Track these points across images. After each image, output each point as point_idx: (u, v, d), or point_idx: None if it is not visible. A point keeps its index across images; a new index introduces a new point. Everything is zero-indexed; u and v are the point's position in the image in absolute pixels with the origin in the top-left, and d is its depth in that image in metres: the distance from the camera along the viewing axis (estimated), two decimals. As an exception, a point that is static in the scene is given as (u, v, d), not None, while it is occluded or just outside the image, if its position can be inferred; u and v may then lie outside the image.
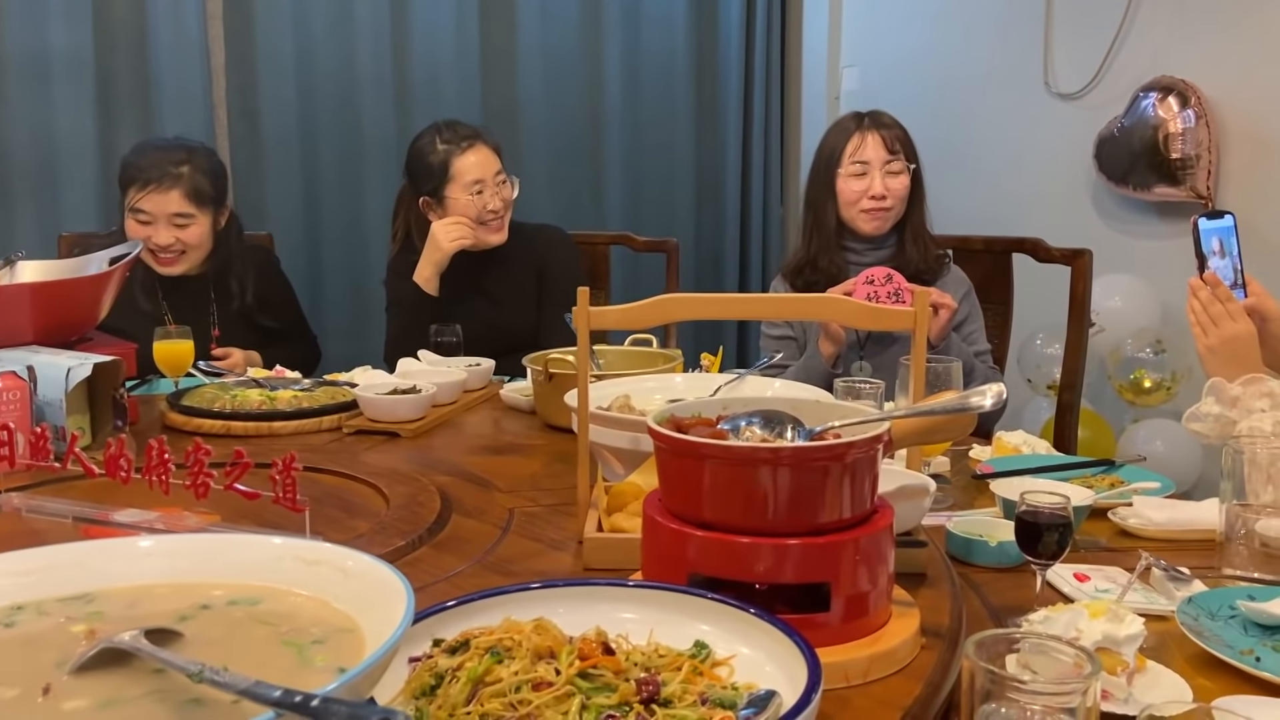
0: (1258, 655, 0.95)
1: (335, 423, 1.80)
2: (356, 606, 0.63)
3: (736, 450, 0.85)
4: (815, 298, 1.13)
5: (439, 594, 1.01)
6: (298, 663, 0.60)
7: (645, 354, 1.93)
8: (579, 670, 0.71)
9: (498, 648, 0.73)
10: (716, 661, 0.77)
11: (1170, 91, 2.94)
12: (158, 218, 2.32)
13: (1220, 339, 1.52)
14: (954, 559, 1.23)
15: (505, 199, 2.44)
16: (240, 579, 0.68)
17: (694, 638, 0.79)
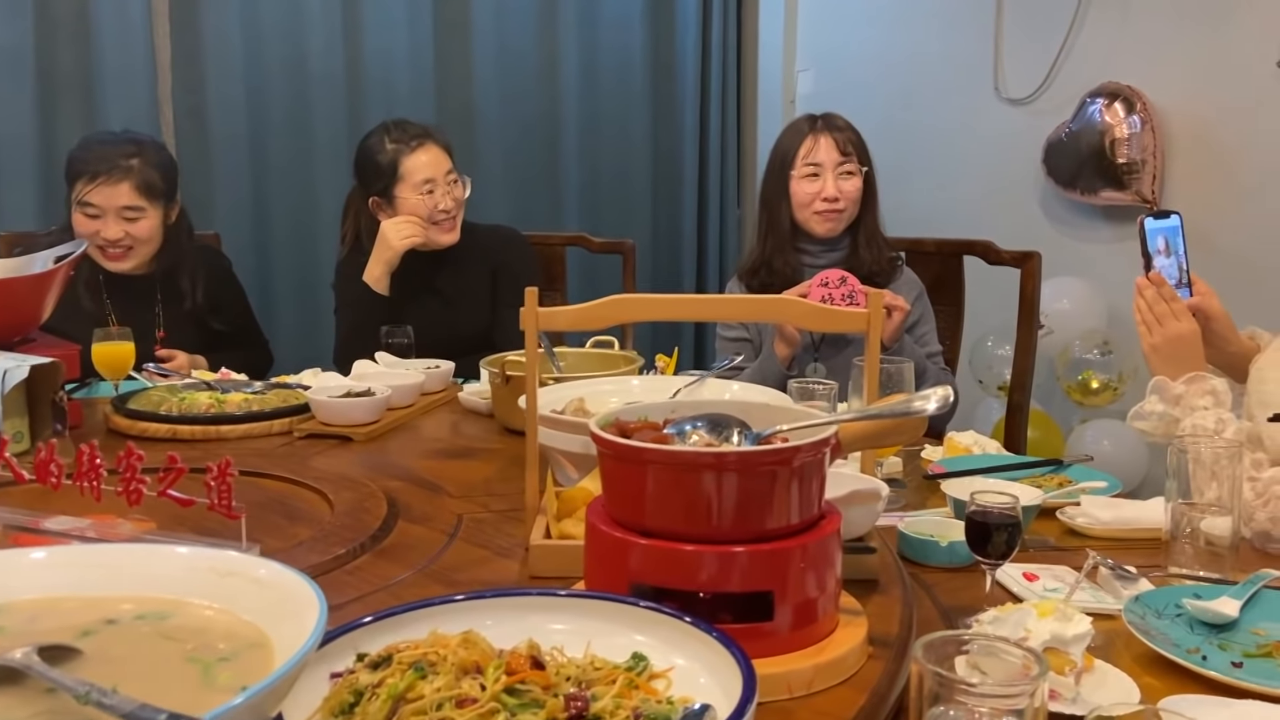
0: (1204, 654, 0.96)
1: (286, 426, 1.76)
2: (270, 620, 0.60)
3: (677, 455, 0.84)
4: (768, 299, 1.13)
5: (377, 604, 0.99)
6: (201, 681, 0.57)
7: (606, 356, 1.90)
8: (505, 686, 0.69)
9: (422, 662, 0.70)
10: (654, 674, 0.75)
11: (1117, 97, 2.99)
12: (106, 211, 2.27)
13: (1164, 338, 1.54)
14: (906, 560, 1.23)
15: (457, 199, 2.41)
16: (151, 592, 0.65)
17: (632, 649, 0.77)
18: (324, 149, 3.39)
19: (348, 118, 3.39)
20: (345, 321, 2.44)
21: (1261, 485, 1.37)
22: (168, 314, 2.40)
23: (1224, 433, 1.43)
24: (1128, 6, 3.04)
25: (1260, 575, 1.09)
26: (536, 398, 1.05)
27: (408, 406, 1.91)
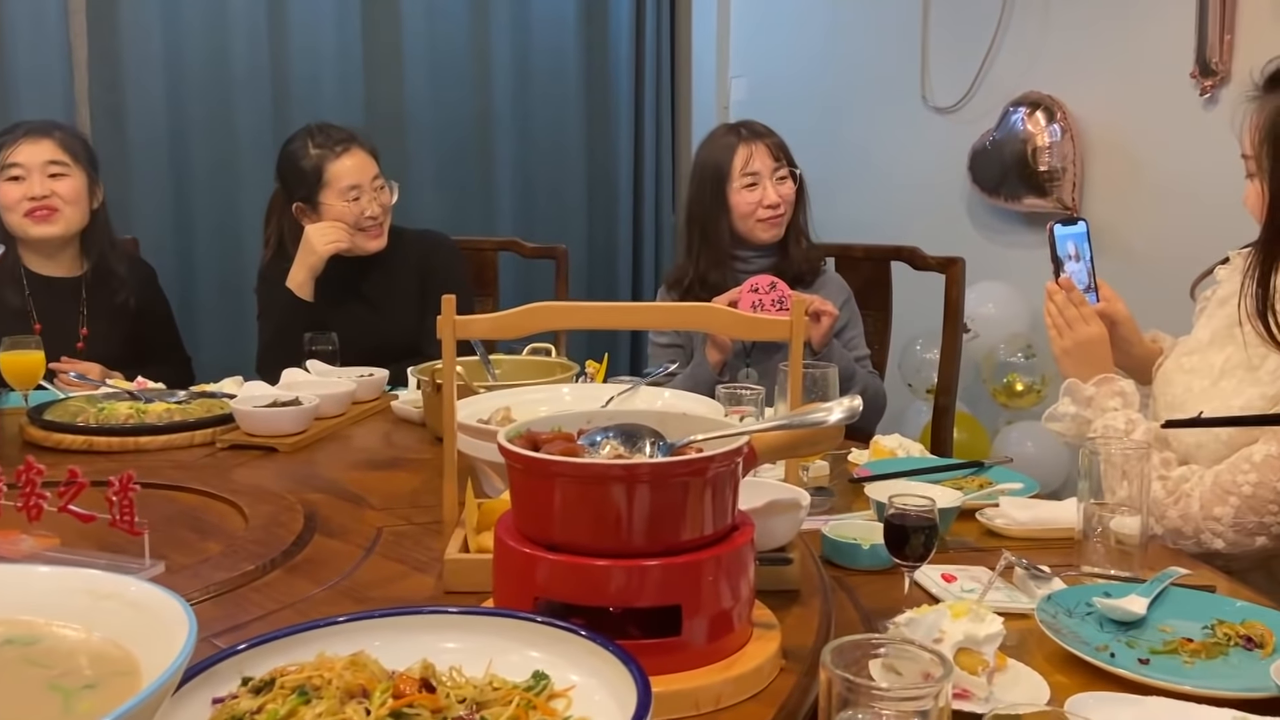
0: (1112, 651, 0.98)
1: (209, 437, 1.72)
2: (142, 644, 0.57)
3: (581, 467, 0.82)
4: (692, 307, 1.13)
5: (281, 622, 0.97)
6: (61, 710, 0.55)
7: (542, 364, 1.87)
8: (392, 710, 0.66)
9: (306, 686, 0.68)
10: (554, 693, 0.73)
11: (1038, 107, 3.07)
12: (31, 169, 2.24)
13: (1074, 341, 1.57)
14: (829, 563, 1.24)
15: (384, 204, 2.38)
16: (23, 615, 0.61)
17: (534, 667, 0.75)
18: (248, 151, 3.31)
19: (273, 119, 3.33)
20: (267, 328, 2.39)
21: (1172, 484, 1.41)
22: (93, 316, 2.33)
23: (1134, 433, 1.47)
24: (1048, 18, 3.12)
25: (1168, 573, 1.12)
26: (454, 406, 1.04)
27: (338, 416, 1.87)
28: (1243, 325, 1.40)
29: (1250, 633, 1.00)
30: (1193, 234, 2.62)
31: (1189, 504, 1.38)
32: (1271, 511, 1.32)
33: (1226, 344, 1.47)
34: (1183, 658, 0.98)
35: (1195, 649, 0.99)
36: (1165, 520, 1.39)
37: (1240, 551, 1.35)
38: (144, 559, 1.05)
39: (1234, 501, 1.34)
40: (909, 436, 2.91)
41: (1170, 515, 1.39)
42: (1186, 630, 1.03)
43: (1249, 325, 1.38)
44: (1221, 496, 1.35)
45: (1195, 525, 1.36)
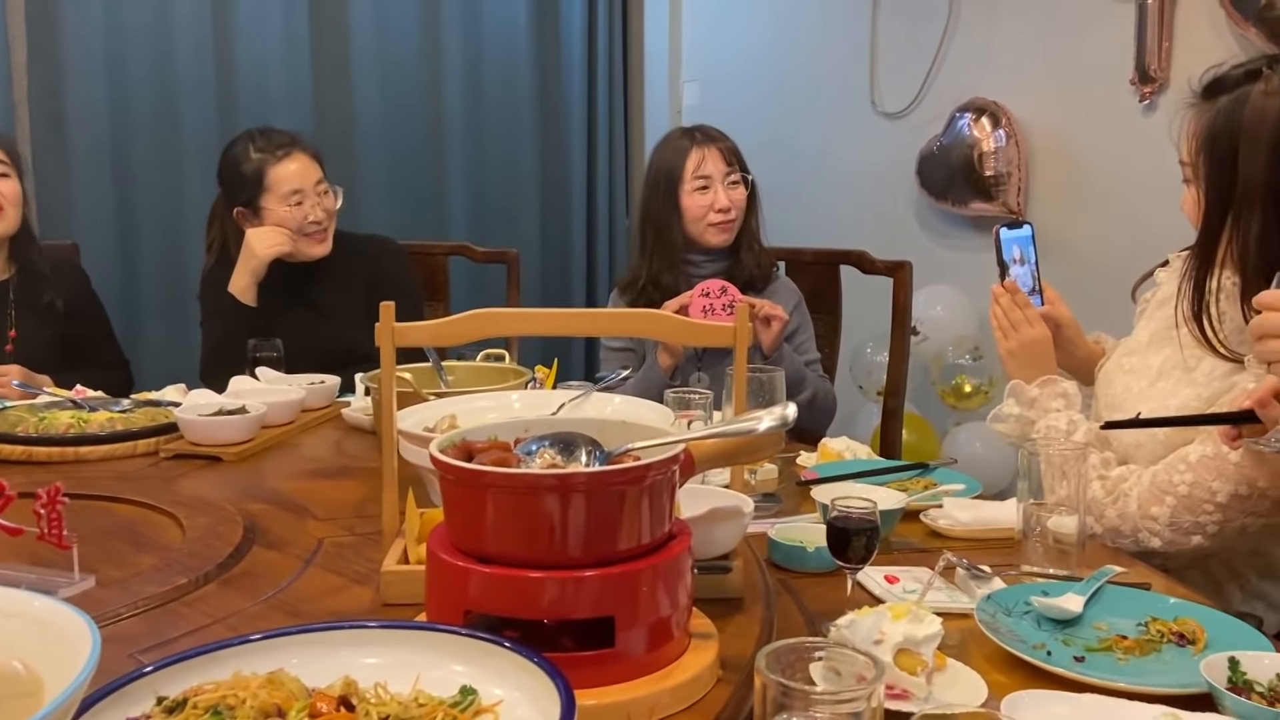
0: (1049, 649, 1.00)
1: (152, 447, 1.68)
2: (49, 664, 0.56)
3: (512, 477, 0.81)
4: (636, 313, 1.12)
5: (212, 637, 0.95)
6: None
7: (496, 370, 1.84)
8: None
9: (220, 706, 0.67)
10: (481, 709, 0.72)
11: (984, 112, 3.11)
12: None
13: (1019, 343, 1.60)
14: (776, 566, 1.25)
15: (328, 209, 2.35)
16: None
17: (461, 682, 0.74)
18: (193, 156, 3.26)
19: (219, 125, 3.28)
20: (210, 334, 2.35)
21: (1111, 483, 1.44)
22: (21, 317, 2.28)
23: (1075, 434, 1.50)
24: (992, 25, 3.17)
25: (1104, 571, 1.14)
26: (394, 414, 1.02)
27: (287, 424, 1.85)
28: (1180, 328, 1.42)
29: (1183, 629, 1.02)
30: (1134, 237, 2.68)
31: (1127, 503, 1.40)
32: (1206, 511, 1.34)
33: (1165, 345, 1.49)
34: (1117, 655, 1.00)
35: (1129, 646, 1.01)
36: (1104, 519, 1.42)
37: (1176, 550, 1.38)
38: (73, 573, 1.02)
39: (1170, 501, 1.36)
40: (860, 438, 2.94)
41: (1109, 515, 1.41)
42: (1121, 627, 1.04)
43: (1186, 328, 1.40)
44: (1158, 496, 1.37)
45: (1133, 524, 1.39)
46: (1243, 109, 1.27)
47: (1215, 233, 1.33)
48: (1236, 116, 1.28)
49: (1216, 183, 1.31)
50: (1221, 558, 1.46)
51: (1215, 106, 1.32)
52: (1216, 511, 1.34)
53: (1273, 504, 1.32)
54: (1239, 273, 1.32)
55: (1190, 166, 1.37)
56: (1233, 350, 1.35)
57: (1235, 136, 1.27)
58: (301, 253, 2.33)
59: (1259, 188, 1.26)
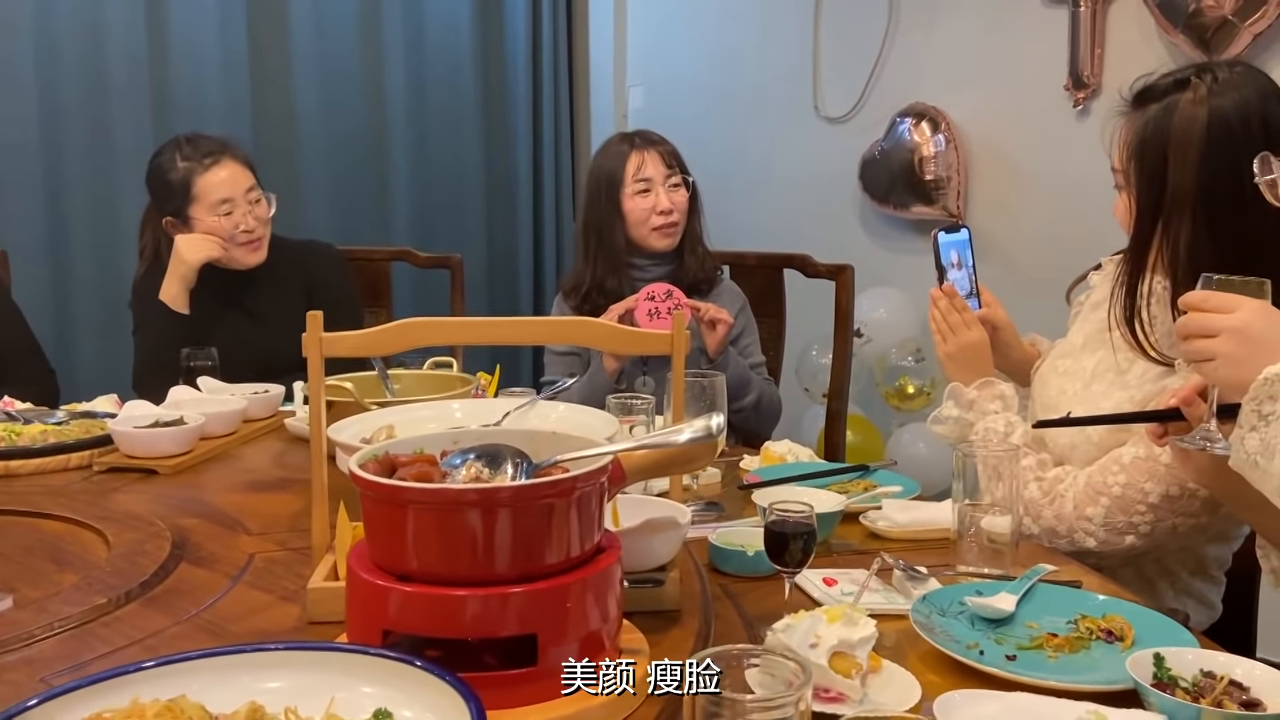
0: (981, 649, 1.01)
1: (85, 460, 1.64)
2: None
3: (427, 493, 0.79)
4: (570, 321, 1.12)
5: (129, 659, 0.91)
6: None
7: (443, 378, 1.80)
8: None
9: None
10: None
11: (923, 117, 3.16)
12: None
13: (958, 346, 1.62)
14: (716, 571, 1.25)
15: (260, 217, 2.30)
16: None
17: (374, 705, 0.72)
18: (127, 160, 3.16)
19: (153, 129, 3.20)
20: (142, 343, 2.29)
21: (1047, 484, 1.46)
22: None
23: (1012, 435, 1.52)
24: (930, 31, 3.22)
25: (1036, 570, 1.16)
26: (322, 426, 1.00)
27: (227, 435, 1.81)
28: (1112, 331, 1.43)
29: (1111, 626, 1.04)
30: (1069, 240, 2.74)
31: (1063, 504, 1.42)
32: (1139, 511, 1.37)
33: (1098, 348, 1.51)
34: (1047, 653, 1.01)
35: (1059, 644, 1.02)
36: (1041, 520, 1.44)
37: (1110, 550, 1.40)
38: (-13, 593, 1.00)
39: (1104, 502, 1.38)
40: (806, 440, 2.97)
41: (1046, 515, 1.44)
42: (1052, 625, 1.06)
43: (1118, 331, 1.42)
44: (1093, 497, 1.39)
45: (1069, 525, 1.41)
46: (1172, 117, 1.30)
47: (1146, 238, 1.35)
48: (1165, 124, 1.30)
49: (1147, 189, 1.33)
50: (1154, 556, 1.49)
51: (1145, 115, 1.34)
52: (1149, 512, 1.36)
53: (1202, 504, 1.35)
54: (1169, 277, 1.35)
55: (1122, 173, 1.39)
56: (1164, 354, 1.37)
57: (1165, 144, 1.30)
58: (236, 261, 2.28)
59: (1188, 194, 1.28)
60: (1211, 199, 1.27)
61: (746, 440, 2.20)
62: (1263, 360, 0.97)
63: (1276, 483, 0.94)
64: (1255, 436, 0.96)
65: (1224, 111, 1.27)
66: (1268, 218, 1.19)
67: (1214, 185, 1.26)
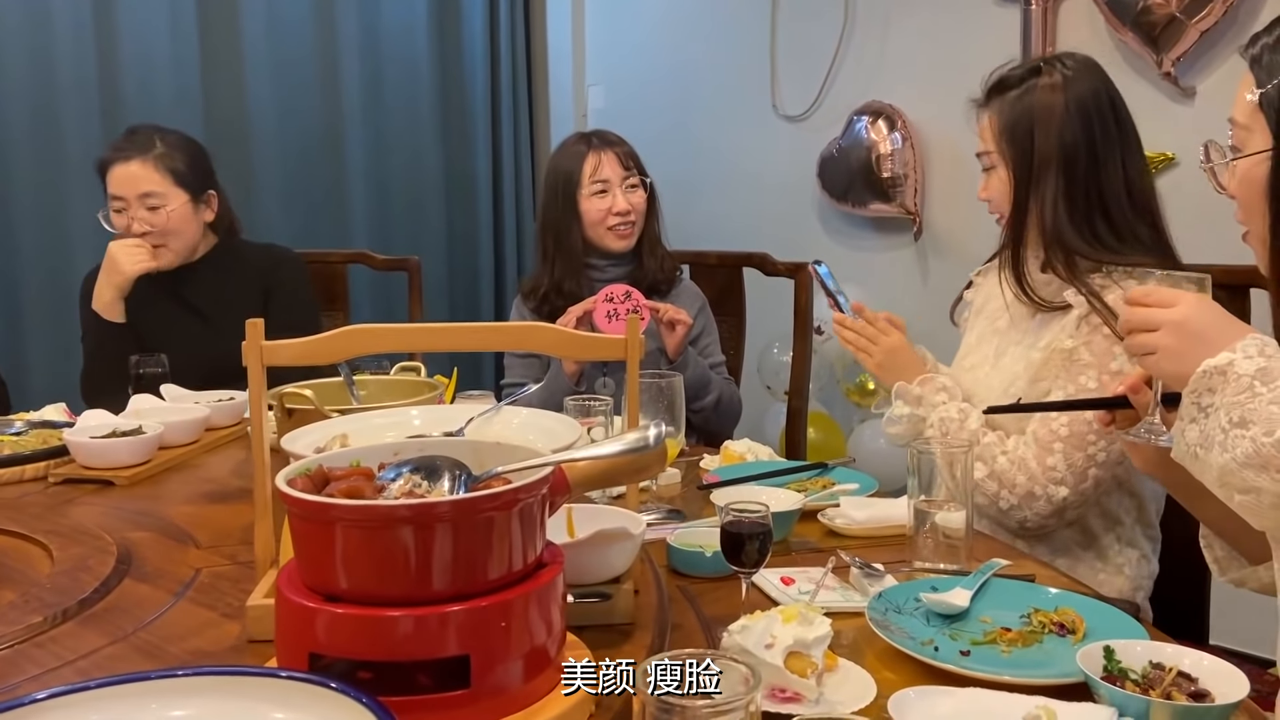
0: (936, 645, 1.01)
1: (41, 471, 1.61)
2: None
3: (352, 510, 0.75)
4: (521, 326, 1.10)
5: (58, 680, 0.90)
6: None
7: (410, 384, 1.72)
8: None
9: None
10: None
11: (880, 115, 3.18)
12: None
13: (883, 353, 1.68)
14: (675, 572, 1.25)
15: (154, 224, 2.21)
16: None
17: None
18: (76, 161, 3.10)
19: (103, 128, 3.13)
20: (85, 351, 2.25)
21: (1015, 455, 1.51)
22: None
23: (968, 421, 1.55)
24: (886, 29, 3.24)
25: (990, 565, 1.17)
26: (264, 438, 0.98)
27: (189, 444, 1.77)
28: (1009, 309, 1.61)
29: (1063, 619, 1.05)
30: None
31: (1026, 465, 1.50)
32: (1091, 441, 1.47)
33: (993, 337, 1.68)
34: (1001, 647, 1.02)
35: (1013, 638, 1.03)
36: (1016, 488, 1.50)
37: (1081, 494, 1.48)
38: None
39: (1058, 446, 1.48)
40: (769, 438, 2.97)
41: (1019, 480, 1.50)
42: (1005, 620, 1.07)
43: (1015, 307, 1.60)
44: (1047, 446, 1.48)
45: (1040, 482, 1.48)
46: (1034, 97, 1.53)
47: (1024, 204, 1.55)
48: (1029, 103, 1.53)
49: (1019, 160, 1.54)
50: (1100, 507, 1.56)
51: (1008, 100, 1.55)
52: (1098, 439, 1.46)
53: None
54: (1042, 235, 1.54)
55: (994, 153, 1.58)
56: (1048, 300, 1.55)
57: (1031, 120, 1.52)
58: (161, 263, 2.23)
59: (1052, 159, 1.51)
60: (1071, 161, 1.50)
61: (708, 440, 2.20)
62: (1202, 353, 0.98)
63: (1215, 474, 0.96)
64: (1195, 428, 0.98)
65: (1078, 89, 1.52)
66: (1115, 172, 1.50)
67: (1073, 149, 1.50)
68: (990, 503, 1.52)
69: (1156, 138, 2.72)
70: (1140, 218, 1.52)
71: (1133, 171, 1.52)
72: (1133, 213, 1.51)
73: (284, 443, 1.14)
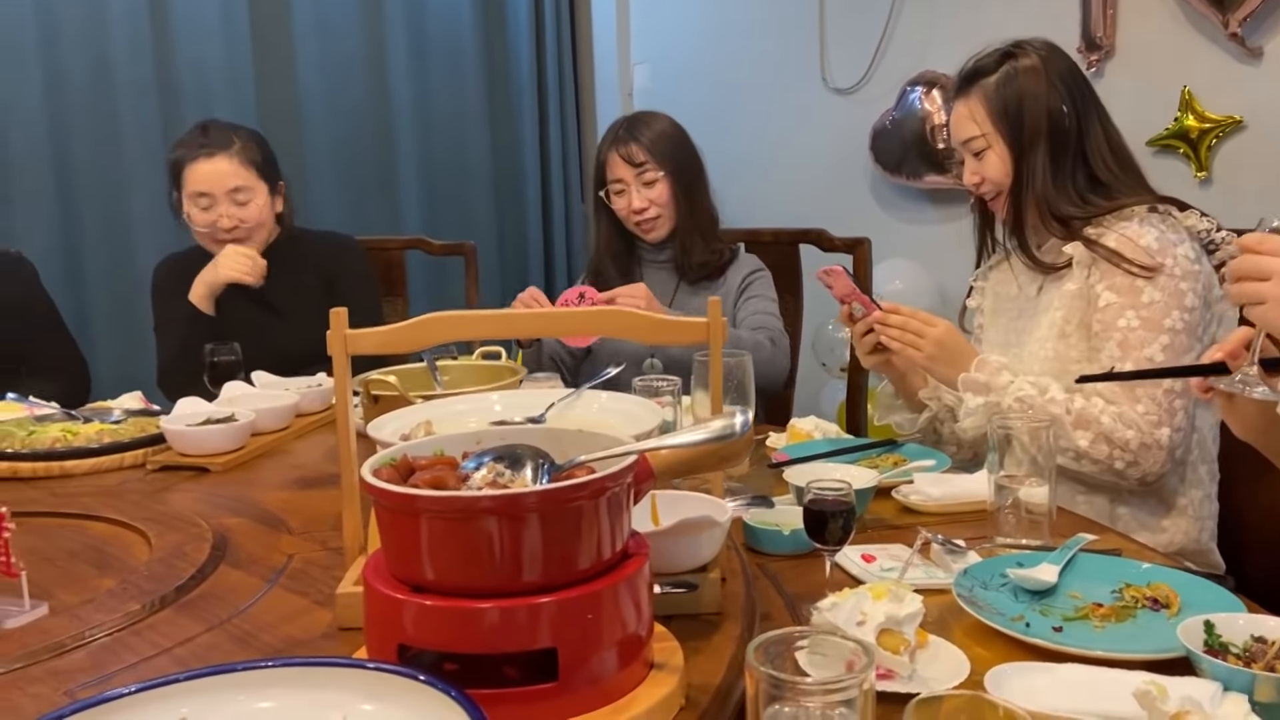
0: (1027, 621, 1.00)
1: (140, 459, 1.64)
2: None
3: (437, 501, 0.74)
4: (602, 311, 1.08)
5: (155, 670, 0.91)
6: None
7: (492, 369, 1.72)
8: None
9: None
10: None
11: (934, 85, 3.13)
12: None
13: (933, 345, 1.61)
14: (752, 550, 1.25)
15: (243, 219, 2.26)
16: None
17: None
18: (134, 153, 3.15)
19: (160, 120, 3.18)
20: (166, 342, 2.28)
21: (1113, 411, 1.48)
22: None
23: (1049, 392, 1.51)
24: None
25: (1076, 540, 1.15)
26: (350, 427, 0.97)
27: (280, 430, 1.80)
28: (1021, 290, 1.71)
29: (1156, 594, 1.03)
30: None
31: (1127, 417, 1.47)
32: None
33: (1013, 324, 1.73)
34: (1093, 623, 1.01)
35: (1105, 613, 1.02)
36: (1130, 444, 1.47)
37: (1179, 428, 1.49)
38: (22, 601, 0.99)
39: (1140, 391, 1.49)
40: (827, 414, 2.93)
41: (1129, 436, 1.47)
42: (1096, 595, 1.06)
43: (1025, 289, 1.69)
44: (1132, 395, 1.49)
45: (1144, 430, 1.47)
46: (1017, 79, 1.62)
47: (1022, 176, 1.62)
48: (1015, 84, 1.62)
49: (1014, 137, 1.62)
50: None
51: (993, 84, 1.63)
52: None
53: None
54: (1037, 203, 1.62)
55: (987, 135, 1.64)
56: (1054, 262, 1.63)
57: (1020, 98, 1.61)
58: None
59: (1040, 131, 1.60)
60: (1057, 131, 1.60)
61: (769, 419, 2.19)
62: None
63: None
64: None
65: (1057, 66, 1.63)
66: (1097, 134, 1.62)
67: (1059, 120, 1.60)
68: (1104, 467, 1.48)
69: (1223, 99, 2.66)
70: (1126, 170, 1.63)
71: (1111, 131, 1.64)
72: (1119, 166, 1.63)
73: (370, 429, 1.15)
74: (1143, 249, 1.52)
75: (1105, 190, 1.61)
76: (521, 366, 1.73)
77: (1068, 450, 1.48)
